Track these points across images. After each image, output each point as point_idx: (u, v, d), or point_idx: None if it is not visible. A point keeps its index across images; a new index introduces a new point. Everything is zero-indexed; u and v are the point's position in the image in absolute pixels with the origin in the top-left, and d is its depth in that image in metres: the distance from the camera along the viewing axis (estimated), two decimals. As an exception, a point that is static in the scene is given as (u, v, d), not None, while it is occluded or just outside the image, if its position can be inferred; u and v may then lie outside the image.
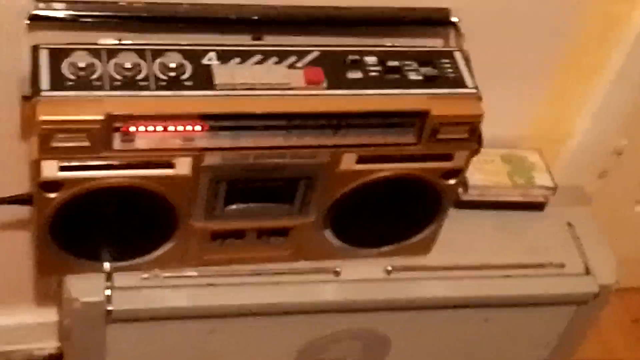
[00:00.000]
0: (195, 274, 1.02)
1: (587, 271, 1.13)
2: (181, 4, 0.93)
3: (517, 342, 1.20)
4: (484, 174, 1.14)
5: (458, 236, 1.10)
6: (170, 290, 1.01)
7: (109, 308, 0.98)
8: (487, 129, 0.96)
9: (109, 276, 0.99)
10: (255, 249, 1.02)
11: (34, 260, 1.16)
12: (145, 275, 1.00)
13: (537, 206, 1.17)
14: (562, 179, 1.18)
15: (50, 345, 1.33)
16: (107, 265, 0.99)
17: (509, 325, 1.16)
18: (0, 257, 1.19)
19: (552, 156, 1.21)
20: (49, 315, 1.28)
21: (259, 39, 0.96)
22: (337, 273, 1.05)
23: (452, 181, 0.99)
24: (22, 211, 1.08)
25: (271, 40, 0.96)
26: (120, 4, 0.92)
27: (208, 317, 1.04)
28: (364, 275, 1.06)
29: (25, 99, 0.85)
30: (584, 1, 1.07)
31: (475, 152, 0.98)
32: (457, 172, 0.98)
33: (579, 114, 1.22)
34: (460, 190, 1.12)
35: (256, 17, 0.95)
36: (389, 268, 1.06)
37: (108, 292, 0.98)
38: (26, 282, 1.23)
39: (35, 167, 0.85)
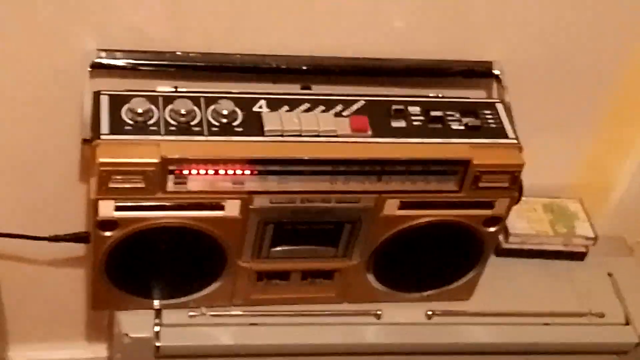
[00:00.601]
0: (240, 313, 1.05)
1: (627, 321, 1.13)
2: (234, 54, 0.98)
3: (558, 391, 1.20)
4: (525, 222, 1.16)
5: (499, 283, 1.12)
6: (215, 329, 1.04)
7: (158, 344, 1.01)
8: (529, 178, 0.98)
9: (157, 313, 1.03)
10: (300, 290, 1.05)
11: (89, 295, 1.21)
12: (193, 313, 1.04)
13: (578, 256, 1.18)
14: (604, 229, 1.19)
15: (100, 379, 1.37)
16: (156, 302, 1.03)
17: (549, 373, 1.16)
18: (54, 293, 1.23)
19: (594, 206, 1.22)
20: (100, 350, 1.32)
21: (307, 88, 1.00)
22: (378, 316, 1.07)
23: (493, 228, 1.01)
24: (76, 249, 1.13)
25: (319, 90, 0.99)
26: (177, 53, 0.97)
27: (252, 355, 1.06)
28: (405, 319, 1.08)
29: (86, 141, 0.89)
30: (626, 51, 1.09)
31: (516, 200, 1.00)
32: (498, 220, 1.01)
33: (622, 165, 1.23)
34: (501, 238, 1.14)
35: (305, 67, 1.00)
36: (430, 312, 1.08)
37: (157, 328, 1.02)
38: (78, 318, 1.28)
39: (93, 206, 0.89)
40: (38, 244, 1.06)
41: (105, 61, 0.95)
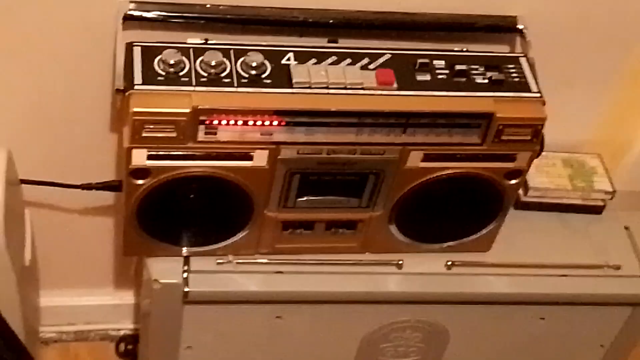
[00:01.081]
0: (265, 261, 1.08)
1: (643, 274, 1.16)
2: (263, 7, 0.99)
3: (573, 342, 1.23)
4: (544, 176, 1.18)
5: (517, 236, 1.14)
6: (242, 276, 1.07)
7: (186, 289, 1.05)
8: (549, 133, 1.00)
9: (186, 260, 1.06)
10: (324, 240, 1.08)
11: (117, 243, 1.24)
12: (220, 261, 1.07)
13: (596, 209, 1.20)
14: (621, 185, 1.21)
15: (126, 326, 1.41)
16: (185, 250, 1.06)
17: (565, 323, 1.19)
18: (83, 240, 1.27)
19: (613, 161, 1.24)
20: (126, 297, 1.36)
21: (334, 41, 1.02)
22: (399, 266, 1.10)
23: (513, 181, 1.03)
24: (105, 198, 1.16)
25: (345, 43, 1.01)
26: (207, 6, 0.98)
27: (276, 302, 1.10)
28: (425, 269, 1.11)
29: (119, 92, 0.91)
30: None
31: (537, 154, 1.02)
32: (519, 173, 1.03)
33: (641, 121, 1.25)
34: (520, 191, 1.16)
35: (332, 21, 1.01)
36: (450, 263, 1.11)
37: (185, 275, 1.05)
38: (106, 265, 1.31)
39: (127, 154, 0.92)
40: (69, 192, 1.09)
41: (137, 13, 0.97)
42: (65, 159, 1.13)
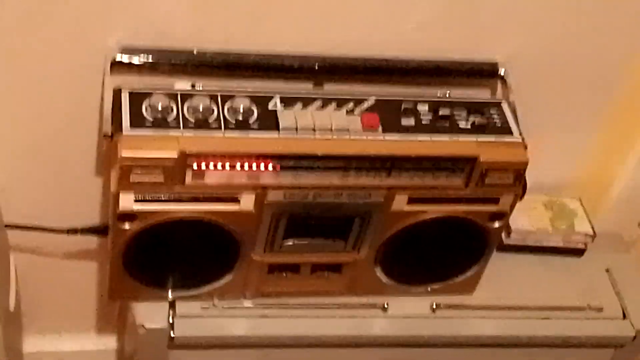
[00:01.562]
0: (251, 304, 1.08)
1: (625, 315, 1.17)
2: (250, 53, 1.00)
3: (557, 383, 1.24)
4: (526, 219, 1.20)
5: (501, 278, 1.15)
6: (228, 320, 1.07)
7: (172, 335, 1.04)
8: (531, 175, 1.01)
9: (172, 304, 1.06)
10: (309, 283, 1.08)
11: (100, 287, 1.24)
12: (206, 305, 1.07)
13: (577, 252, 1.22)
14: (602, 227, 1.23)
15: (109, 371, 1.39)
16: (170, 294, 1.06)
17: (549, 365, 1.20)
18: (66, 285, 1.26)
19: (593, 204, 1.26)
20: (109, 342, 1.35)
21: (320, 86, 1.04)
22: (384, 308, 1.11)
23: (497, 224, 1.05)
24: (89, 242, 1.16)
25: (331, 88, 1.03)
26: (195, 52, 0.99)
27: (262, 346, 1.10)
28: (410, 312, 1.11)
29: (107, 136, 0.92)
30: (627, 53, 1.12)
31: (520, 197, 1.03)
32: (502, 216, 1.04)
33: (622, 165, 1.26)
34: (503, 234, 1.17)
35: (317, 66, 1.03)
36: (435, 305, 1.12)
37: (171, 319, 1.05)
38: (89, 310, 1.31)
39: (114, 199, 0.92)
40: (53, 236, 1.08)
41: (125, 59, 0.98)
42: (50, 202, 1.13)
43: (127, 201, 0.93)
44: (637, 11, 1.07)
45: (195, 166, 0.91)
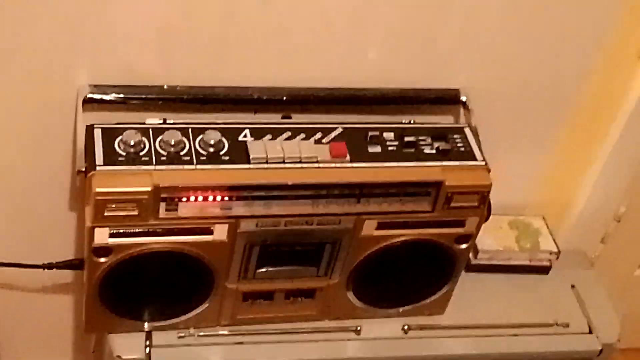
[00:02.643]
0: (227, 332, 1.10)
1: (590, 330, 1.20)
2: (219, 87, 1.03)
3: (527, 399, 1.27)
4: (492, 239, 1.23)
5: (470, 297, 1.18)
6: (203, 348, 1.08)
7: (149, 364, 1.06)
8: (495, 196, 1.04)
9: (148, 335, 1.07)
10: (283, 309, 1.10)
11: (76, 319, 1.25)
12: (182, 334, 1.08)
13: (543, 269, 1.25)
14: (565, 244, 1.27)
15: (86, 403, 1.40)
16: (147, 325, 1.07)
17: (519, 381, 1.23)
18: (41, 319, 1.27)
19: (556, 222, 1.30)
20: (86, 373, 1.36)
21: (288, 117, 1.06)
22: (357, 331, 1.13)
23: (464, 246, 1.08)
24: (64, 275, 1.17)
25: (299, 119, 1.05)
26: (165, 87, 1.02)
27: (239, 373, 1.12)
28: (383, 334, 1.13)
29: (80, 173, 0.94)
30: (582, 79, 1.17)
31: (485, 218, 1.06)
32: (469, 237, 1.07)
33: (581, 183, 1.30)
34: (470, 255, 1.20)
35: (285, 98, 1.06)
36: (407, 326, 1.14)
37: (147, 350, 1.06)
38: (65, 342, 1.31)
39: (89, 234, 0.94)
40: (27, 271, 1.10)
41: (97, 96, 1.00)
42: (25, 238, 1.14)
43: (102, 235, 0.94)
44: (586, 39, 1.12)
45: (168, 199, 0.93)
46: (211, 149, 0.96)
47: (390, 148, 1.02)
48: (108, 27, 0.97)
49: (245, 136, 0.99)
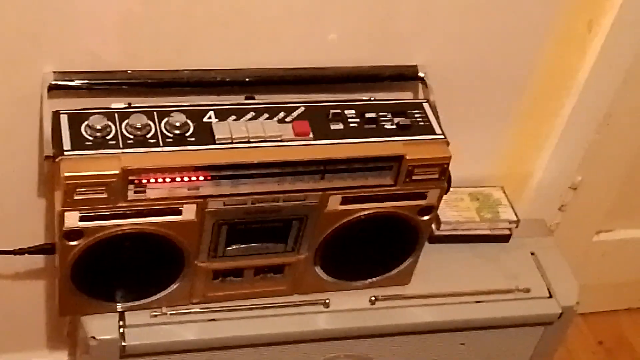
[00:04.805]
0: (199, 310, 1.12)
1: (551, 295, 1.24)
2: (182, 70, 1.05)
3: (492, 363, 1.31)
4: (454, 210, 1.26)
5: (434, 267, 1.22)
6: (176, 326, 1.11)
7: (123, 344, 1.08)
8: (455, 170, 1.08)
9: (121, 315, 1.09)
10: (253, 285, 1.13)
11: (49, 304, 1.26)
12: (155, 313, 1.10)
13: (503, 238, 1.29)
14: (525, 213, 1.31)
15: (62, 386, 1.42)
16: (119, 305, 1.09)
17: (483, 346, 1.26)
18: (14, 305, 1.28)
19: (515, 193, 1.34)
20: (61, 357, 1.37)
21: (251, 98, 1.08)
22: (326, 304, 1.16)
23: (426, 217, 1.11)
24: (36, 261, 1.18)
25: (262, 99, 1.07)
26: (129, 72, 1.03)
27: (211, 349, 1.14)
28: (351, 306, 1.17)
29: (49, 158, 0.95)
30: (538, 55, 1.20)
31: (446, 190, 1.09)
32: (431, 209, 1.10)
33: (538, 154, 1.34)
34: (433, 226, 1.24)
35: (248, 79, 1.08)
36: (374, 298, 1.18)
37: (121, 330, 1.08)
38: (39, 327, 1.33)
39: (59, 217, 0.95)
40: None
41: (62, 83, 1.01)
42: (-6, 225, 1.15)
43: (72, 219, 0.96)
44: (537, 14, 1.15)
45: (136, 182, 0.95)
46: (177, 131, 0.98)
47: (352, 125, 1.04)
48: (70, 14, 0.98)
49: (209, 117, 1.01)
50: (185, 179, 0.97)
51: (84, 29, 0.99)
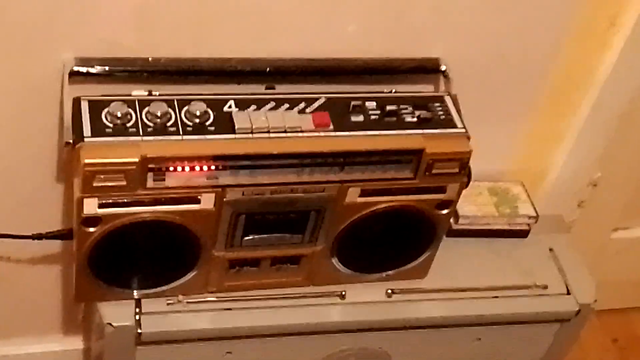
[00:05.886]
0: (214, 299, 1.12)
1: (568, 292, 1.23)
2: (202, 58, 1.05)
3: (507, 359, 1.30)
4: (473, 205, 1.26)
5: (451, 262, 1.21)
6: (192, 315, 1.11)
7: (139, 331, 1.08)
8: (475, 164, 1.07)
9: (137, 303, 1.09)
10: (269, 276, 1.13)
11: (65, 290, 1.27)
12: (170, 301, 1.10)
13: (521, 234, 1.28)
14: (543, 209, 1.29)
15: (75, 371, 1.42)
16: (136, 293, 1.09)
17: (499, 342, 1.26)
18: (30, 289, 1.29)
19: (533, 188, 1.33)
20: (75, 343, 1.38)
21: (271, 88, 1.08)
22: (342, 296, 1.16)
23: (445, 211, 1.10)
24: (52, 246, 1.19)
25: (282, 89, 1.07)
26: (149, 59, 1.03)
27: (226, 338, 1.14)
28: (366, 298, 1.16)
29: (68, 144, 0.95)
30: (558, 50, 1.19)
31: (465, 185, 1.09)
32: (450, 203, 1.10)
33: (557, 150, 1.33)
34: (452, 220, 1.23)
35: (268, 69, 1.07)
36: (390, 291, 1.17)
37: (137, 317, 1.08)
38: (54, 312, 1.33)
39: (78, 204, 0.96)
40: (15, 242, 1.11)
41: (82, 69, 1.01)
42: (13, 210, 1.15)
43: (91, 206, 0.96)
44: (559, 7, 1.14)
45: (156, 170, 0.95)
46: (197, 120, 0.98)
47: (372, 117, 1.04)
48: (90, 1, 0.97)
49: (230, 107, 1.00)
50: (205, 168, 0.97)
51: (105, 14, 0.99)
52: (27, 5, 0.96)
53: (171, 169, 0.96)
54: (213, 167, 0.97)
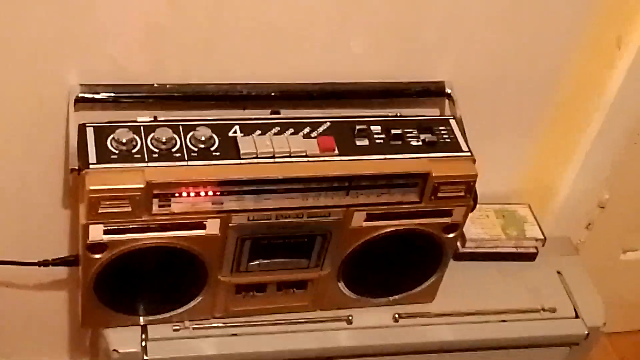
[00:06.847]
0: (221, 324, 1.12)
1: (577, 315, 1.23)
2: (208, 84, 1.05)
3: (516, 383, 1.29)
4: (479, 228, 1.25)
5: (459, 285, 1.20)
6: (198, 341, 1.10)
7: (145, 358, 1.07)
8: (482, 185, 1.07)
9: (143, 328, 1.09)
10: (276, 300, 1.12)
11: (71, 314, 1.27)
12: (177, 327, 1.10)
13: (529, 256, 1.27)
14: (551, 231, 1.29)
15: (83, 397, 1.42)
16: (142, 319, 1.09)
17: (508, 366, 1.25)
18: (38, 315, 1.29)
19: (541, 209, 1.32)
20: (82, 368, 1.38)
21: (276, 112, 1.08)
22: (349, 321, 1.15)
23: (451, 235, 1.10)
24: (59, 272, 1.19)
25: (287, 114, 1.07)
26: (155, 85, 1.04)
27: (233, 364, 1.14)
28: (374, 322, 1.16)
29: (74, 171, 0.95)
30: (563, 68, 1.19)
31: (472, 208, 1.09)
32: (456, 227, 1.09)
33: (565, 171, 1.32)
34: (458, 243, 1.23)
35: (273, 94, 1.08)
36: (397, 315, 1.17)
37: (143, 343, 1.08)
38: (61, 337, 1.33)
39: (84, 230, 0.95)
40: (22, 269, 1.11)
41: (88, 95, 1.01)
42: (19, 236, 1.16)
43: (97, 232, 0.96)
44: (565, 28, 1.14)
45: (161, 196, 0.95)
46: (202, 145, 0.98)
47: (377, 141, 1.04)
48: (96, 26, 0.98)
49: (235, 132, 1.01)
50: (210, 193, 0.97)
51: (110, 40, 0.99)
52: (34, 30, 0.96)
53: (176, 194, 0.96)
54: (218, 193, 0.97)
